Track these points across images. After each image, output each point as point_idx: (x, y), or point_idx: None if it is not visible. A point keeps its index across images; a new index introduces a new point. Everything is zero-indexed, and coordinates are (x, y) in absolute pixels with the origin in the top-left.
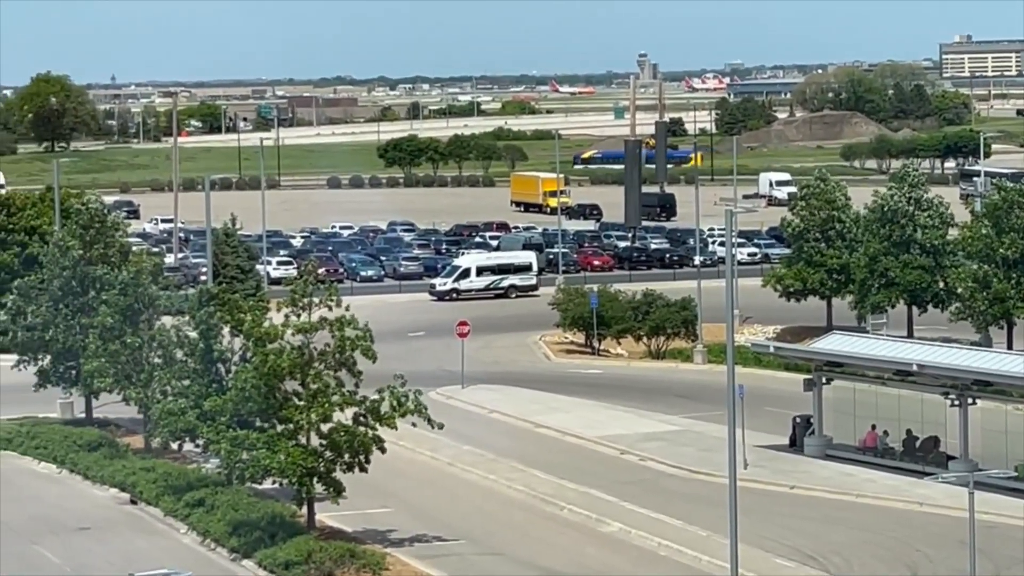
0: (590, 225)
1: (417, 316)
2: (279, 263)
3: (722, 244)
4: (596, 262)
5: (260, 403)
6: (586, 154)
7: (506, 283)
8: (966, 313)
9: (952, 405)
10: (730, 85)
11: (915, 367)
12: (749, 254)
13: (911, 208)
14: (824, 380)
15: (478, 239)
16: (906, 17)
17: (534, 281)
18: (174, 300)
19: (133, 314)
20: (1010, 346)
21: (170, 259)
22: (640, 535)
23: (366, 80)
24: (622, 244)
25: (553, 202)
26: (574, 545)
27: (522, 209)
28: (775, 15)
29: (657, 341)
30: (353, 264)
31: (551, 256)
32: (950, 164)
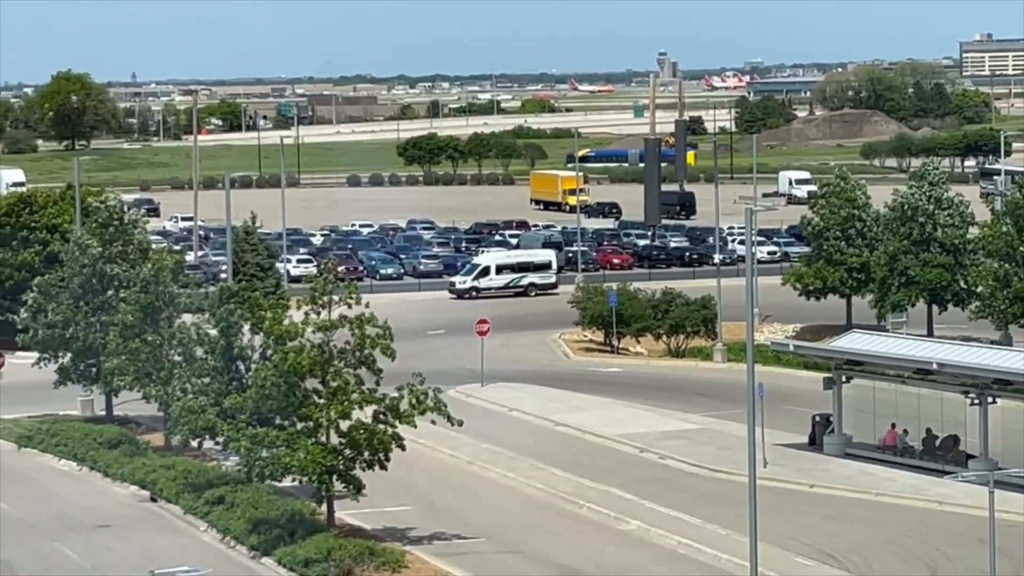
0: (609, 223)
1: (436, 314)
2: (299, 261)
3: (742, 242)
4: (616, 260)
5: (280, 401)
6: (581, 152)
7: (526, 281)
8: (986, 312)
9: (972, 404)
10: (750, 83)
11: (935, 366)
12: (769, 252)
13: (931, 207)
14: (844, 379)
15: (498, 237)
16: (926, 16)
17: (553, 279)
18: (194, 298)
19: (153, 312)
20: None
21: (190, 257)
22: (659, 533)
23: (386, 78)
24: (642, 242)
25: (572, 200)
26: (593, 543)
27: (542, 207)
28: (795, 13)
29: (676, 339)
30: (373, 262)
31: (570, 254)
32: (970, 163)
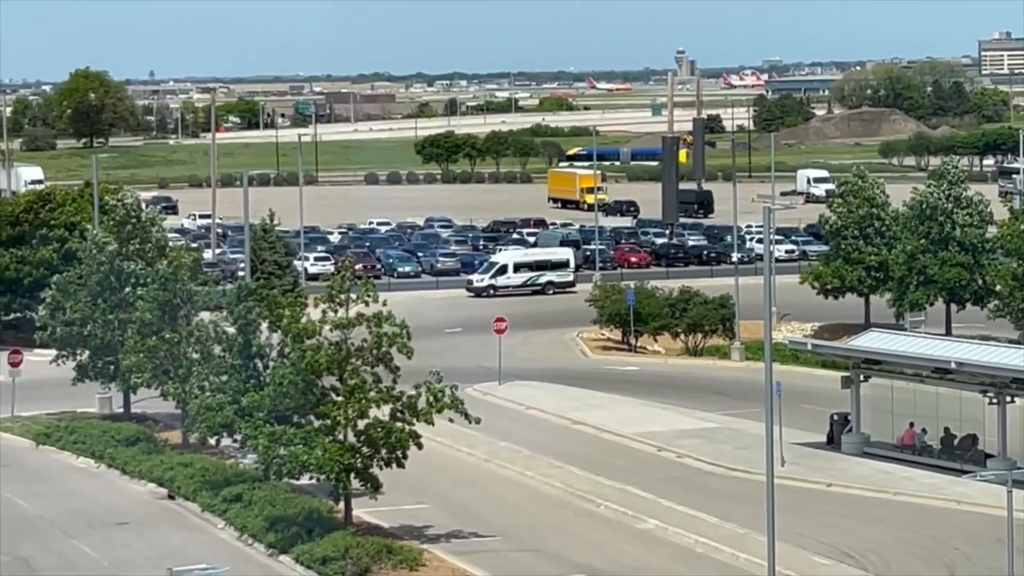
0: (627, 222)
1: (454, 312)
2: (317, 259)
3: (760, 241)
4: (633, 259)
5: (297, 399)
6: (572, 151)
7: (543, 279)
8: (1005, 311)
9: (990, 403)
10: (768, 82)
11: (953, 365)
12: (787, 251)
13: (950, 205)
14: (862, 377)
15: (515, 235)
16: (945, 14)
17: (571, 278)
18: (212, 296)
19: (171, 309)
20: None
21: (208, 255)
22: (677, 532)
23: (404, 76)
24: (659, 241)
25: (590, 198)
26: (610, 542)
27: (559, 206)
28: (814, 12)
29: (694, 338)
30: (390, 260)
31: (588, 253)
32: (989, 161)
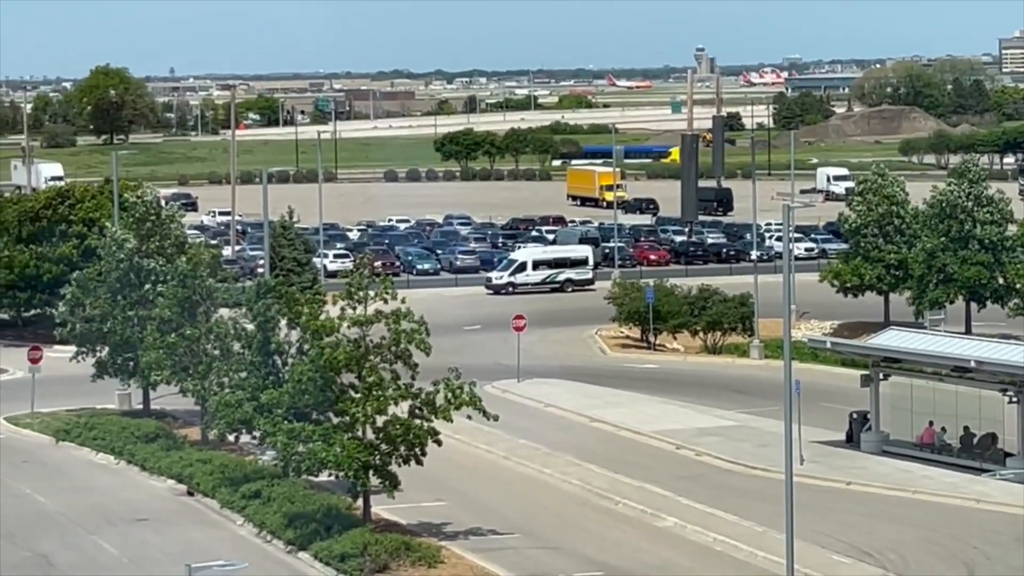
0: (646, 219)
1: (473, 310)
2: (336, 256)
3: (779, 239)
4: (652, 256)
5: (316, 396)
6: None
7: (562, 277)
8: None
9: (1010, 402)
10: (788, 80)
11: (973, 363)
12: (806, 249)
13: (970, 204)
14: (881, 376)
15: (534, 233)
16: (965, 12)
17: (590, 275)
18: (231, 292)
19: (191, 306)
20: None
21: (227, 251)
22: (695, 530)
23: (423, 73)
24: (679, 239)
25: (609, 196)
26: (629, 540)
27: (578, 203)
28: (834, 9)
29: (713, 336)
30: (409, 257)
31: (607, 250)
32: (1009, 159)
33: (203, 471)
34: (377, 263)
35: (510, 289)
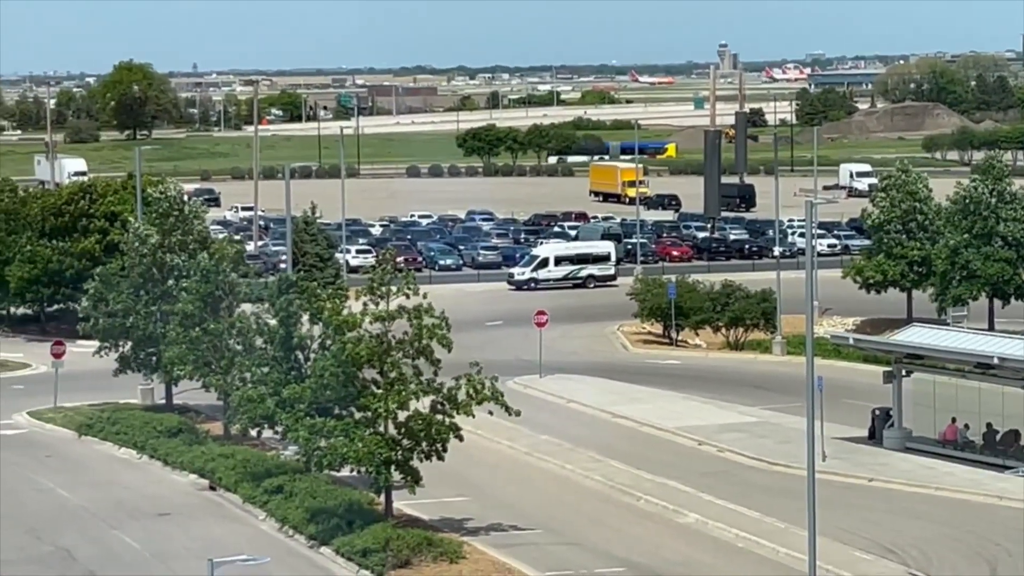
0: (669, 215)
1: (495, 305)
2: (358, 251)
3: (802, 235)
4: (675, 252)
5: (338, 391)
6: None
7: (584, 273)
8: None
9: None
10: (811, 76)
11: (996, 360)
12: (829, 245)
13: (994, 200)
14: (904, 372)
15: (557, 229)
16: (989, 8)
17: (612, 271)
18: (254, 288)
19: (214, 301)
20: None
21: (250, 247)
22: (717, 526)
23: (446, 69)
24: (701, 235)
25: (632, 192)
26: (651, 536)
27: (601, 199)
28: (857, 6)
29: (736, 332)
30: (432, 253)
31: (629, 246)
32: None
33: (225, 466)
34: (399, 259)
35: (532, 285)
